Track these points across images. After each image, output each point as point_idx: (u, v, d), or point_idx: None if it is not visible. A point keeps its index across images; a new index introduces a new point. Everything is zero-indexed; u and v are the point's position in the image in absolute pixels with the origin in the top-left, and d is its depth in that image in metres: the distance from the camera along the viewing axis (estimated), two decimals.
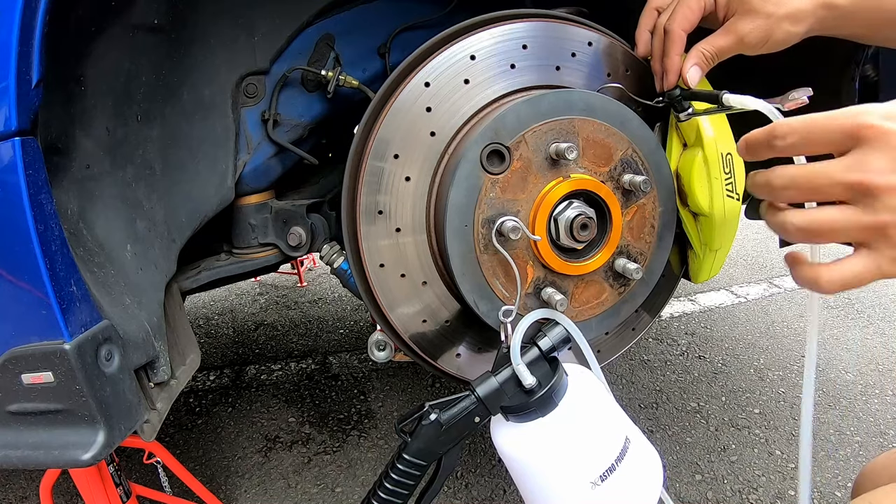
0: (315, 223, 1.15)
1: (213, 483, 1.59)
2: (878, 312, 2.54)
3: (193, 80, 0.98)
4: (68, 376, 0.65)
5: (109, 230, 0.83)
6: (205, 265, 1.14)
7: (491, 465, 1.61)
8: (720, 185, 0.94)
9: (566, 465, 0.70)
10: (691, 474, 1.55)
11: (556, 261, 0.87)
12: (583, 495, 0.69)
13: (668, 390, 1.97)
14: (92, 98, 0.81)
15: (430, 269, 0.95)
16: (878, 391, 1.92)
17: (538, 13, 0.93)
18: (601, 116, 0.87)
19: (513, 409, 0.74)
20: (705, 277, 1.07)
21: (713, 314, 2.60)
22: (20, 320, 0.65)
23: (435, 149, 0.90)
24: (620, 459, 0.71)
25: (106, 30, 0.80)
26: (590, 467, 0.70)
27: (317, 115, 1.14)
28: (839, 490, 1.48)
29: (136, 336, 0.78)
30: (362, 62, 1.15)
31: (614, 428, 0.75)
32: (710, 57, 0.83)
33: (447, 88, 0.89)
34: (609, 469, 0.70)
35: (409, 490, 0.74)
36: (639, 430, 0.79)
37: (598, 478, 0.69)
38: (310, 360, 2.32)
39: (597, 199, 0.88)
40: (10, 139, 0.60)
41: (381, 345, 1.03)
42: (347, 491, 1.54)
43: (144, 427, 0.78)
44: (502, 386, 0.73)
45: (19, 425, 0.71)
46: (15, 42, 0.58)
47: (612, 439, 0.73)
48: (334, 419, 1.87)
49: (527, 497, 0.76)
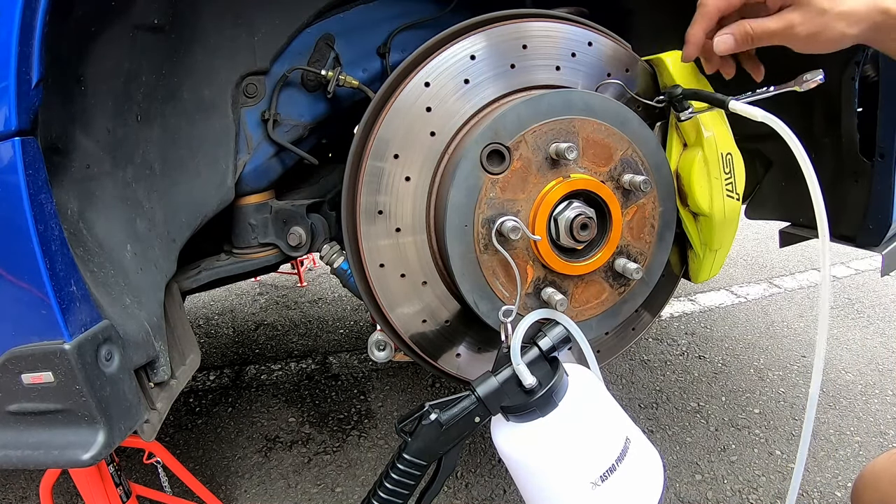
0: (315, 223, 1.15)
1: (213, 483, 1.59)
2: (878, 312, 2.54)
3: (193, 80, 0.98)
4: (68, 376, 0.65)
5: (109, 230, 0.83)
6: (205, 265, 1.14)
7: (491, 465, 1.61)
8: (720, 184, 0.94)
9: (566, 466, 0.70)
10: (691, 474, 1.55)
11: (556, 261, 0.87)
12: (583, 496, 0.69)
13: (668, 390, 1.97)
14: (92, 98, 0.81)
15: (430, 269, 0.95)
16: (878, 391, 1.92)
17: (538, 13, 0.93)
18: (601, 116, 0.87)
19: (513, 409, 0.74)
20: (705, 277, 1.07)
21: (713, 314, 2.60)
22: (20, 320, 0.65)
23: (435, 149, 0.90)
24: (621, 460, 0.71)
25: (106, 30, 0.80)
26: (590, 468, 0.70)
27: (317, 115, 1.14)
28: (839, 490, 1.48)
29: (136, 336, 0.78)
30: (362, 62, 1.15)
31: (615, 428, 0.75)
32: (751, 35, 0.79)
33: (447, 88, 0.89)
34: (609, 469, 0.70)
35: (409, 490, 0.74)
36: (639, 430, 0.79)
37: (598, 478, 0.69)
38: (310, 360, 2.32)
39: (597, 199, 0.88)
40: (10, 139, 0.60)
41: (381, 345, 1.03)
42: (347, 491, 1.54)
43: (144, 427, 0.78)
44: (502, 386, 0.73)
45: (19, 425, 0.71)
46: (15, 42, 0.58)
47: (612, 439, 0.73)
48: (334, 419, 1.87)
49: (527, 497, 0.76)
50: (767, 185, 1.38)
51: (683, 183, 0.97)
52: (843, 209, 1.17)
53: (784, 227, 1.40)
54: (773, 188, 1.38)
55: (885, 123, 1.03)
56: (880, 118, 1.04)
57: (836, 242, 1.22)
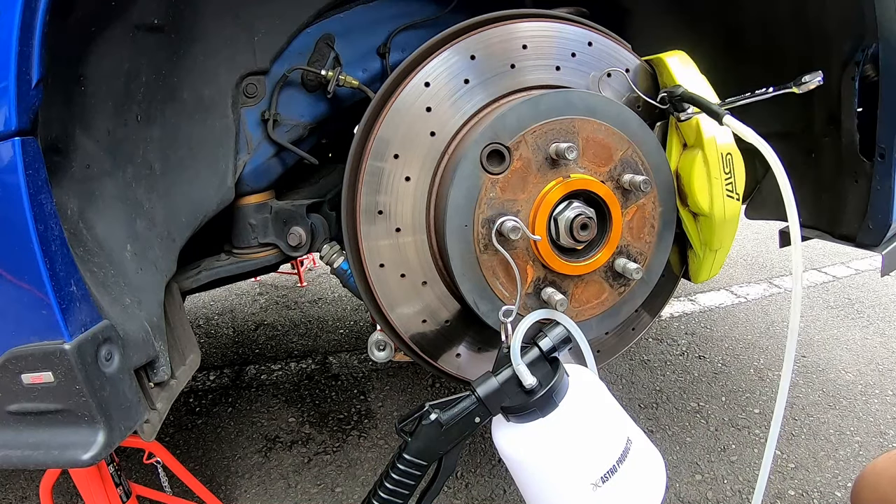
0: (315, 223, 1.15)
1: (213, 483, 1.59)
2: (878, 312, 2.54)
3: (193, 80, 0.98)
4: (68, 376, 0.65)
5: (109, 230, 0.83)
6: (205, 265, 1.14)
7: (491, 465, 1.61)
8: (720, 185, 0.94)
9: (567, 466, 0.70)
10: (691, 474, 1.55)
11: (556, 261, 0.87)
12: (584, 497, 0.69)
13: (668, 390, 1.97)
14: (92, 98, 0.81)
15: (430, 269, 0.95)
16: (878, 391, 1.92)
17: (538, 13, 0.93)
18: (601, 116, 0.87)
19: (513, 409, 0.74)
20: (705, 277, 1.07)
21: (713, 314, 2.60)
22: (20, 320, 0.65)
23: (435, 149, 0.90)
24: (622, 461, 0.71)
25: (106, 30, 0.80)
26: (591, 468, 0.70)
27: (317, 115, 1.14)
28: (839, 490, 1.48)
29: (136, 336, 0.78)
30: (362, 62, 1.15)
31: (616, 429, 0.75)
32: None
33: (447, 88, 0.89)
34: (610, 470, 0.70)
35: (409, 490, 0.74)
36: (641, 431, 0.79)
37: (599, 479, 0.69)
38: (310, 360, 2.32)
39: (597, 199, 0.88)
40: (10, 139, 0.60)
41: (381, 345, 1.03)
42: (347, 491, 1.54)
43: (144, 427, 0.78)
44: (503, 386, 0.73)
45: (19, 425, 0.71)
46: (15, 42, 0.58)
47: (613, 440, 0.73)
48: (334, 419, 1.87)
49: (527, 498, 0.76)
50: (767, 185, 1.38)
51: (683, 183, 0.97)
52: (843, 209, 1.17)
53: (784, 227, 1.40)
54: (773, 188, 1.38)
55: (885, 123, 1.03)
56: (880, 118, 1.04)
57: (837, 242, 1.22)
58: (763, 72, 1.22)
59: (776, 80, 0.88)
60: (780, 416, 0.74)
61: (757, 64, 1.24)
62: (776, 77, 0.89)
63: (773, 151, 0.74)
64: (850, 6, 1.00)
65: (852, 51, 1.03)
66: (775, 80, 0.87)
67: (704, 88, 0.94)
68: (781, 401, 0.74)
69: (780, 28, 1.16)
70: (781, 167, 0.74)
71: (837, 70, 1.07)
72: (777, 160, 0.74)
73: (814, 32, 1.09)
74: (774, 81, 0.87)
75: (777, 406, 0.74)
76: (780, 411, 0.74)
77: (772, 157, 0.74)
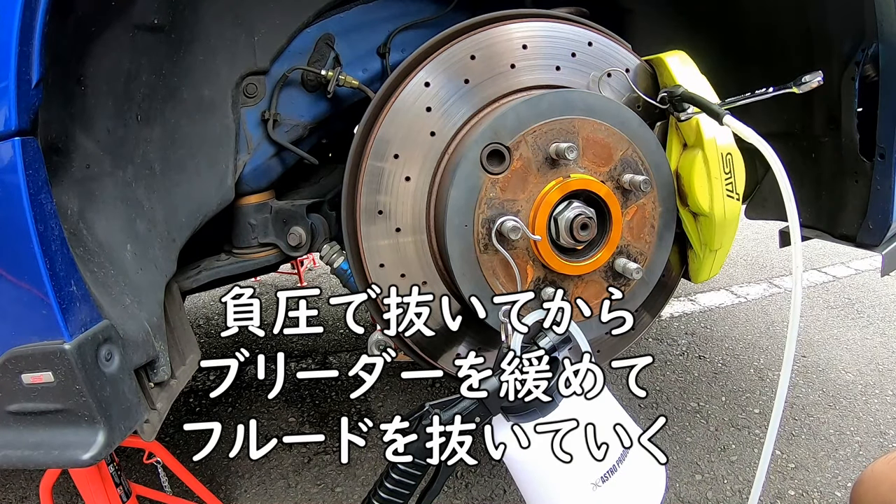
0: (315, 223, 1.15)
1: (213, 483, 1.58)
2: (878, 312, 2.53)
3: (193, 80, 0.98)
4: (68, 376, 0.65)
5: (109, 230, 0.83)
6: (205, 265, 1.14)
7: (491, 465, 1.61)
8: (720, 185, 0.94)
9: (567, 466, 0.70)
10: (691, 474, 1.55)
11: (556, 261, 0.87)
12: (584, 496, 0.69)
13: (668, 390, 1.97)
14: (92, 98, 0.81)
15: (430, 269, 0.95)
16: (878, 391, 1.92)
17: (538, 13, 0.93)
18: (601, 116, 0.87)
19: (513, 409, 0.74)
20: (705, 277, 1.07)
21: (713, 314, 2.60)
22: (20, 320, 0.65)
23: (435, 149, 0.90)
24: (622, 461, 0.71)
25: (106, 30, 0.80)
26: (591, 468, 0.70)
27: (317, 115, 1.14)
28: (839, 490, 1.48)
29: (136, 336, 0.78)
30: (362, 62, 1.15)
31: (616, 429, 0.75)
32: None
33: (447, 88, 0.89)
34: (610, 470, 0.70)
35: (409, 490, 0.74)
36: (641, 431, 0.79)
37: (599, 479, 0.69)
38: (310, 360, 2.31)
39: (597, 198, 0.88)
40: (10, 139, 0.60)
41: (381, 345, 1.03)
42: (347, 491, 1.54)
43: (144, 427, 0.78)
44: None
45: (19, 425, 0.71)
46: (15, 42, 0.58)
47: (613, 440, 0.73)
48: (334, 419, 1.87)
49: (527, 498, 0.76)
50: (767, 185, 1.38)
51: (683, 183, 0.97)
52: (843, 209, 1.17)
53: (784, 227, 1.40)
54: (773, 188, 1.38)
55: (885, 123, 1.03)
56: (880, 118, 1.04)
57: (837, 242, 1.22)
58: (763, 72, 1.22)
59: (776, 80, 0.88)
60: (778, 415, 0.74)
61: (757, 64, 1.24)
62: (776, 77, 0.89)
63: (773, 151, 0.74)
64: (850, 6, 1.00)
65: (852, 51, 1.03)
66: (775, 81, 0.87)
67: (704, 88, 0.94)
68: (780, 400, 0.74)
69: (780, 28, 1.16)
70: (781, 167, 0.74)
71: (837, 70, 1.07)
72: (777, 160, 0.74)
73: (814, 32, 1.09)
74: (774, 81, 0.87)
75: (776, 405, 0.74)
76: (779, 411, 0.74)
77: (772, 157, 0.74)
